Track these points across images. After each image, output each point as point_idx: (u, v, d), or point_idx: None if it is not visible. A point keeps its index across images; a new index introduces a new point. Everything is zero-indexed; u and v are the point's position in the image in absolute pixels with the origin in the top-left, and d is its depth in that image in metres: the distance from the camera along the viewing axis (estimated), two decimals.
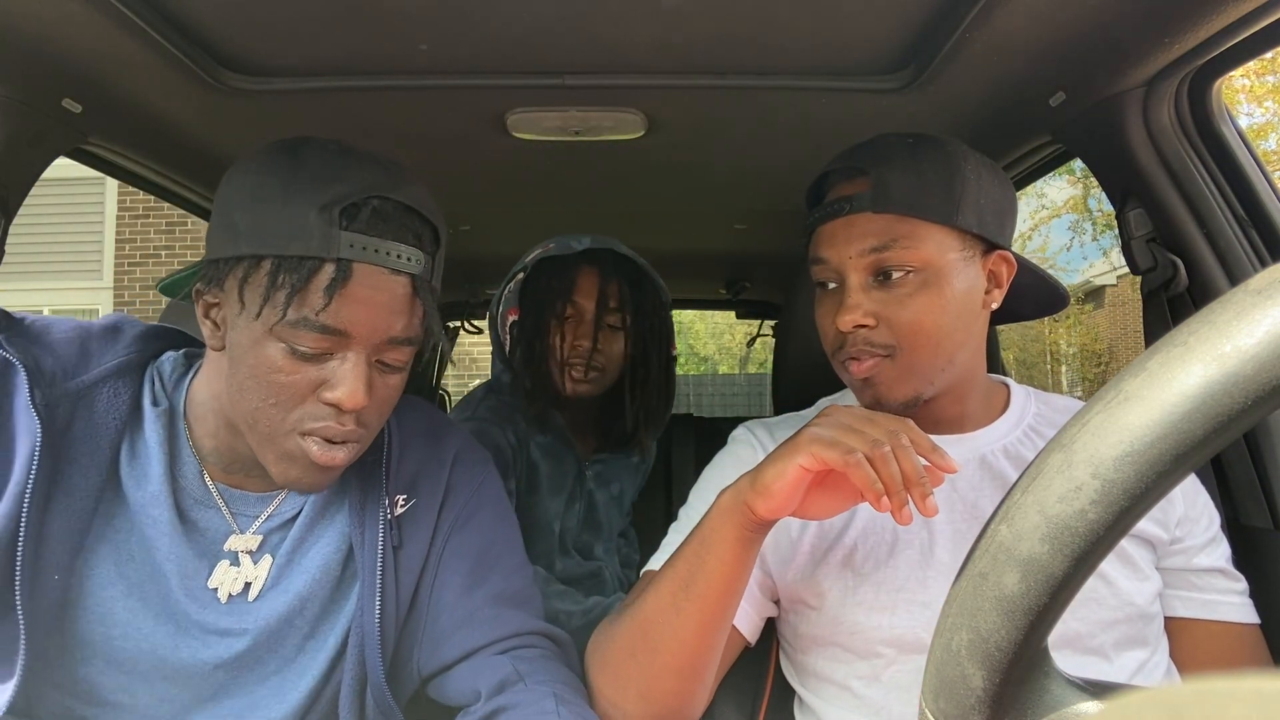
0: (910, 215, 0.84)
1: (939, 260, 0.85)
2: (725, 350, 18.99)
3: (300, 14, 0.96)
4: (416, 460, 0.93)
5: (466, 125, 1.32)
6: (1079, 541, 0.29)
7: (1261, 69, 8.13)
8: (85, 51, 0.98)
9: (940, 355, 0.86)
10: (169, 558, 0.81)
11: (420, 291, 0.78)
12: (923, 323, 0.84)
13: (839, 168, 0.91)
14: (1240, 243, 1.08)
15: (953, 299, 0.85)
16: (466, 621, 0.89)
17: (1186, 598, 0.91)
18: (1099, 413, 0.29)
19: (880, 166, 0.86)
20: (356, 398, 0.75)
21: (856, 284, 0.86)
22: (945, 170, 0.86)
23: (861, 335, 0.86)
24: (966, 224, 0.86)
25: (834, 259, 0.88)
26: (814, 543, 0.92)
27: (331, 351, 0.76)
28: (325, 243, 0.73)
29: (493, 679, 0.85)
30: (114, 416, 0.81)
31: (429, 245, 0.80)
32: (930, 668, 0.35)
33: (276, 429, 0.77)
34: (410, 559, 0.89)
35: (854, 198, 0.86)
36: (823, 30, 1.02)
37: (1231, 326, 0.27)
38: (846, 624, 0.88)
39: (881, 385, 0.87)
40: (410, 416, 0.95)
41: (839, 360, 0.90)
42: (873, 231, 0.85)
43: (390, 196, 0.76)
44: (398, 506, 0.90)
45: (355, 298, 0.74)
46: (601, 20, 0.99)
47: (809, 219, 0.93)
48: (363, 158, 0.79)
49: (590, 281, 1.41)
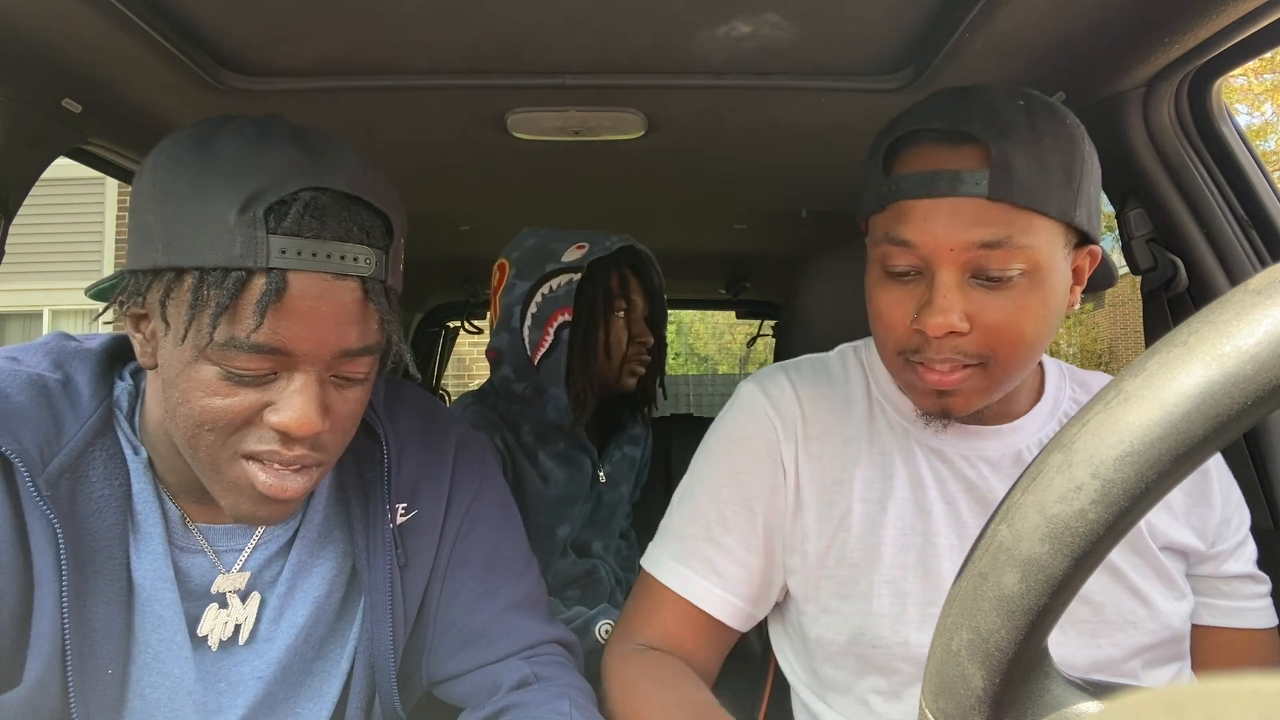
0: (1031, 208, 0.69)
1: (1048, 259, 0.71)
2: (725, 350, 19.00)
3: (300, 14, 0.96)
4: (416, 464, 0.86)
5: (466, 125, 1.32)
6: (1079, 541, 0.29)
7: (1260, 68, 8.13)
8: (85, 51, 0.98)
9: (1030, 362, 0.76)
10: (178, 629, 0.74)
11: (373, 295, 0.67)
12: (1024, 331, 0.72)
13: (941, 128, 0.73)
14: (1240, 243, 1.08)
15: (1052, 302, 0.73)
16: (481, 635, 0.86)
17: (1213, 605, 0.85)
18: (1099, 413, 0.29)
19: (1002, 140, 0.69)
20: (307, 423, 0.65)
21: (952, 281, 0.71)
22: (1068, 151, 0.71)
23: (950, 343, 0.72)
24: (1080, 219, 0.72)
25: (926, 246, 0.72)
26: (831, 543, 0.84)
27: (275, 371, 0.66)
28: (250, 250, 0.62)
29: (509, 680, 0.84)
30: (115, 481, 0.72)
31: (380, 239, 0.68)
32: (930, 668, 0.35)
33: (217, 456, 0.67)
34: (416, 572, 0.84)
35: (965, 175, 0.70)
36: (823, 30, 1.02)
37: (1231, 326, 0.27)
38: (869, 636, 0.81)
39: (962, 396, 0.75)
40: (404, 416, 0.89)
41: (907, 362, 0.76)
42: (987, 222, 0.69)
43: (326, 186, 0.64)
44: (399, 515, 0.84)
45: (294, 311, 0.63)
46: (601, 20, 0.99)
47: (887, 185, 0.74)
48: (290, 138, 0.66)
49: (635, 278, 1.49)
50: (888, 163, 0.76)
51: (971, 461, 0.84)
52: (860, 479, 0.84)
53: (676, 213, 2.00)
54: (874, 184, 0.76)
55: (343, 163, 0.67)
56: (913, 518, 0.82)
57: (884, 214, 0.75)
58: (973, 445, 0.84)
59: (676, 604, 0.88)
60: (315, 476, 0.71)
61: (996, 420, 0.84)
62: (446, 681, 0.89)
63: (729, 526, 0.87)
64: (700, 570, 0.87)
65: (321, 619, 0.81)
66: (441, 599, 0.87)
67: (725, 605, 0.87)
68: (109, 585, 0.70)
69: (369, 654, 0.82)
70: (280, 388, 0.66)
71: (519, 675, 0.84)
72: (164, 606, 0.73)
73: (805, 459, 0.86)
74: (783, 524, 0.87)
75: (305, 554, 0.80)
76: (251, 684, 0.77)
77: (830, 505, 0.85)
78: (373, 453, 0.84)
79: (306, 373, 0.66)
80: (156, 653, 0.74)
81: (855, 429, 0.87)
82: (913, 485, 0.84)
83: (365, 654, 0.82)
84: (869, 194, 0.78)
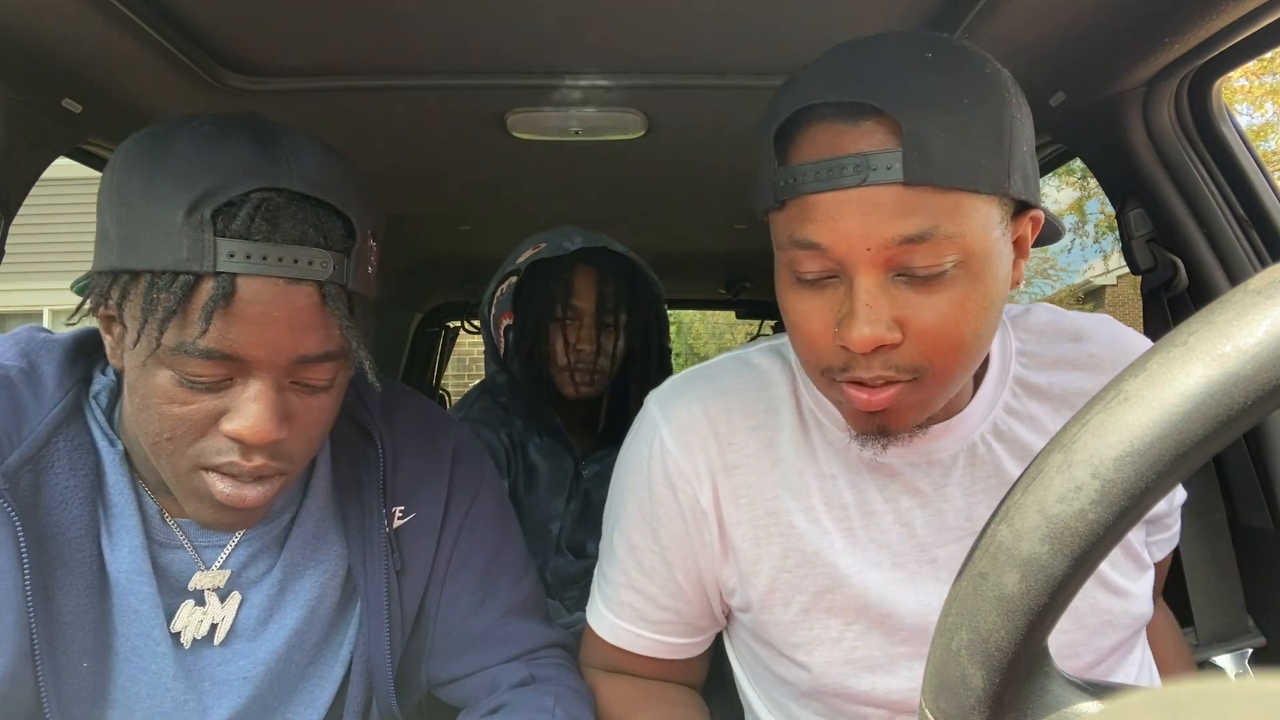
0: (958, 188, 0.58)
1: (983, 243, 0.61)
2: (725, 350, 18.91)
3: (301, 14, 0.96)
4: (413, 467, 0.85)
5: (466, 125, 1.32)
6: (1079, 541, 0.29)
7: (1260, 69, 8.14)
8: (85, 51, 0.98)
9: (972, 367, 0.66)
10: (155, 624, 0.73)
11: (331, 300, 0.64)
12: (963, 333, 0.61)
13: (838, 100, 0.60)
14: (1240, 243, 1.08)
15: (994, 291, 0.62)
16: (480, 640, 0.86)
17: (1156, 541, 0.81)
18: (1099, 413, 0.29)
19: (913, 111, 0.58)
20: (261, 431, 0.64)
21: (875, 285, 0.60)
22: (994, 112, 0.60)
23: (880, 357, 0.62)
24: (1016, 189, 0.61)
25: (838, 248, 0.60)
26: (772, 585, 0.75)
27: (230, 377, 0.64)
28: (197, 253, 0.60)
29: (507, 681, 0.84)
30: (81, 472, 0.71)
31: (339, 241, 0.65)
32: (930, 668, 0.35)
33: (177, 464, 0.66)
34: (414, 577, 0.83)
35: (873, 159, 0.58)
36: (823, 30, 1.02)
37: (1231, 326, 0.27)
38: (832, 684, 0.73)
39: (895, 415, 0.65)
40: (400, 418, 0.87)
41: (834, 381, 0.65)
42: (907, 213, 0.58)
43: (280, 186, 0.62)
44: (395, 519, 0.82)
45: (244, 317, 0.61)
46: (601, 20, 0.99)
47: (782, 176, 0.62)
48: (248, 137, 0.63)
49: (587, 282, 1.38)
50: (781, 148, 0.64)
51: (922, 469, 0.74)
52: (798, 509, 0.74)
53: (676, 213, 2.00)
54: (767, 175, 0.64)
55: (303, 162, 0.64)
56: (865, 550, 0.73)
57: (784, 212, 0.64)
58: (920, 450, 0.74)
59: (613, 647, 0.85)
60: (278, 485, 0.69)
61: (943, 415, 0.73)
62: (446, 684, 0.89)
63: (649, 574, 0.80)
64: (628, 619, 0.83)
65: (315, 623, 0.80)
66: (441, 603, 0.86)
67: (663, 646, 0.83)
68: (78, 578, 0.70)
69: (366, 658, 0.81)
70: (236, 394, 0.64)
71: (518, 676, 0.84)
72: (140, 600, 0.72)
73: (727, 493, 0.75)
74: (713, 568, 0.77)
75: (299, 556, 0.79)
76: (237, 683, 0.76)
77: (766, 542, 0.74)
78: (369, 456, 0.83)
79: (263, 379, 0.64)
80: (134, 646, 0.73)
81: (786, 448, 0.76)
82: (860, 511, 0.74)
83: (362, 658, 0.81)
84: (764, 187, 0.65)
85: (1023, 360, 0.77)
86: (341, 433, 0.83)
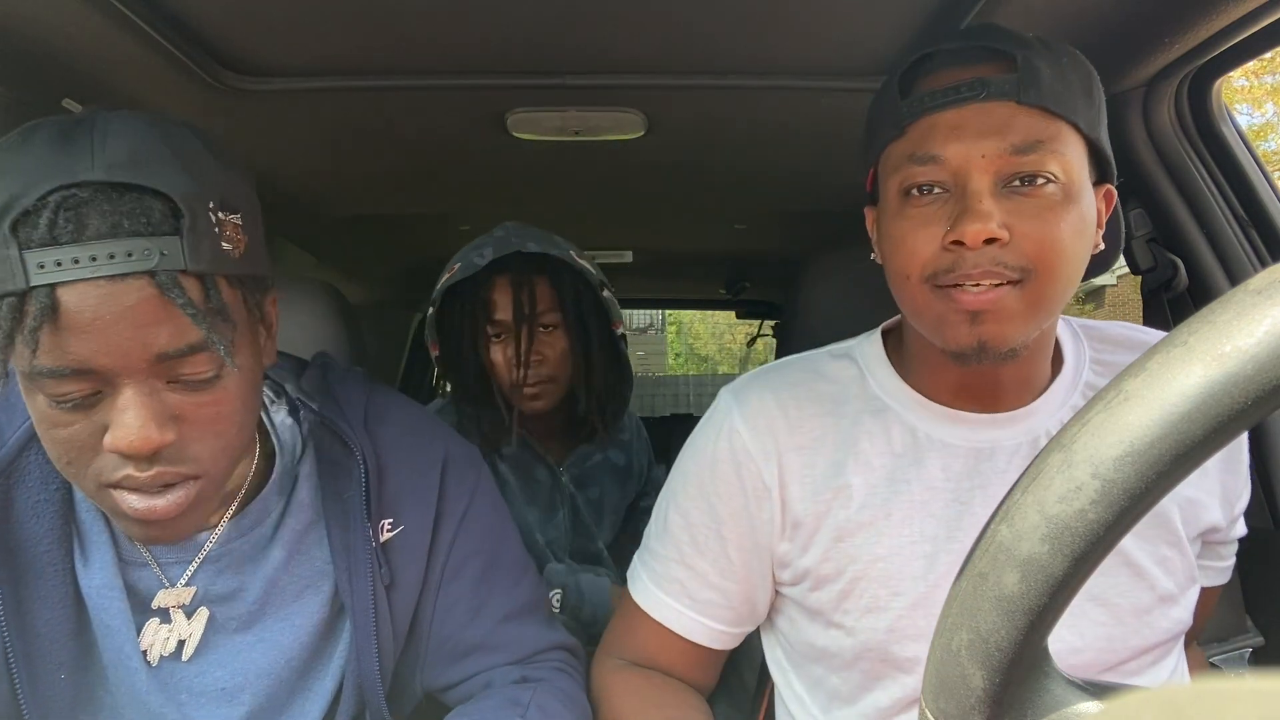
0: (1061, 115, 0.67)
1: (1078, 175, 0.69)
2: (725, 350, 19.00)
3: (300, 14, 0.96)
4: (399, 477, 0.82)
5: (466, 125, 1.32)
6: (1079, 541, 0.29)
7: (1260, 69, 8.14)
8: (85, 51, 0.98)
9: (1067, 288, 0.70)
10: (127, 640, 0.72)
11: (169, 289, 0.58)
12: (1064, 242, 0.67)
13: (960, 46, 0.71)
14: (1240, 243, 1.08)
15: (1085, 226, 0.69)
16: (477, 648, 0.85)
17: (1207, 568, 0.82)
18: (1099, 412, 0.29)
19: (1025, 49, 0.68)
20: (139, 441, 0.59)
21: (986, 188, 0.67)
22: (1086, 73, 0.71)
23: (989, 253, 0.67)
24: (1103, 141, 0.71)
25: (956, 157, 0.68)
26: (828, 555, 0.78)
27: (98, 390, 0.60)
28: (8, 272, 0.55)
29: (501, 682, 0.84)
30: (53, 485, 0.69)
31: (163, 223, 0.58)
32: (930, 668, 0.35)
33: (86, 486, 0.63)
34: (405, 590, 0.81)
35: (992, 81, 0.67)
36: (823, 30, 1.02)
37: (1231, 326, 0.27)
38: (877, 651, 0.77)
39: (999, 323, 0.68)
40: (387, 428, 0.84)
41: (937, 288, 0.70)
42: (1019, 126, 0.67)
43: (80, 179, 0.56)
44: (383, 532, 0.80)
45: (76, 327, 0.57)
46: (601, 20, 0.99)
47: (906, 106, 0.71)
48: (51, 136, 0.58)
49: (504, 295, 1.28)
50: (904, 89, 0.73)
51: (986, 454, 0.77)
52: (860, 485, 0.78)
53: (676, 213, 2.00)
54: (890, 112, 0.72)
55: (111, 146, 0.58)
56: (922, 523, 0.77)
57: (904, 139, 0.71)
58: (986, 436, 0.78)
59: (653, 625, 0.86)
60: (192, 490, 0.65)
61: (1014, 400, 0.78)
62: (444, 690, 0.88)
63: (702, 550, 0.83)
64: (674, 594, 0.85)
65: (302, 640, 0.78)
66: (435, 614, 0.84)
67: (702, 629, 0.84)
68: (51, 590, 0.68)
69: (357, 673, 0.80)
70: (109, 407, 0.60)
71: (511, 679, 0.84)
72: (112, 616, 0.71)
73: (793, 472, 0.80)
74: (770, 544, 0.81)
75: (280, 572, 0.77)
76: (216, 694, 0.75)
77: (826, 516, 0.79)
78: (351, 469, 0.80)
79: (130, 386, 0.60)
80: (110, 660, 0.73)
81: (849, 431, 0.80)
82: (922, 488, 0.78)
83: (353, 673, 0.80)
84: (884, 123, 0.73)
85: (1096, 368, 0.81)
86: (324, 445, 0.81)
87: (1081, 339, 0.83)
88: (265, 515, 0.78)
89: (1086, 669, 0.74)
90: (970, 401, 0.78)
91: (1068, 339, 0.82)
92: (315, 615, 0.79)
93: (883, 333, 0.86)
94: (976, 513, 0.76)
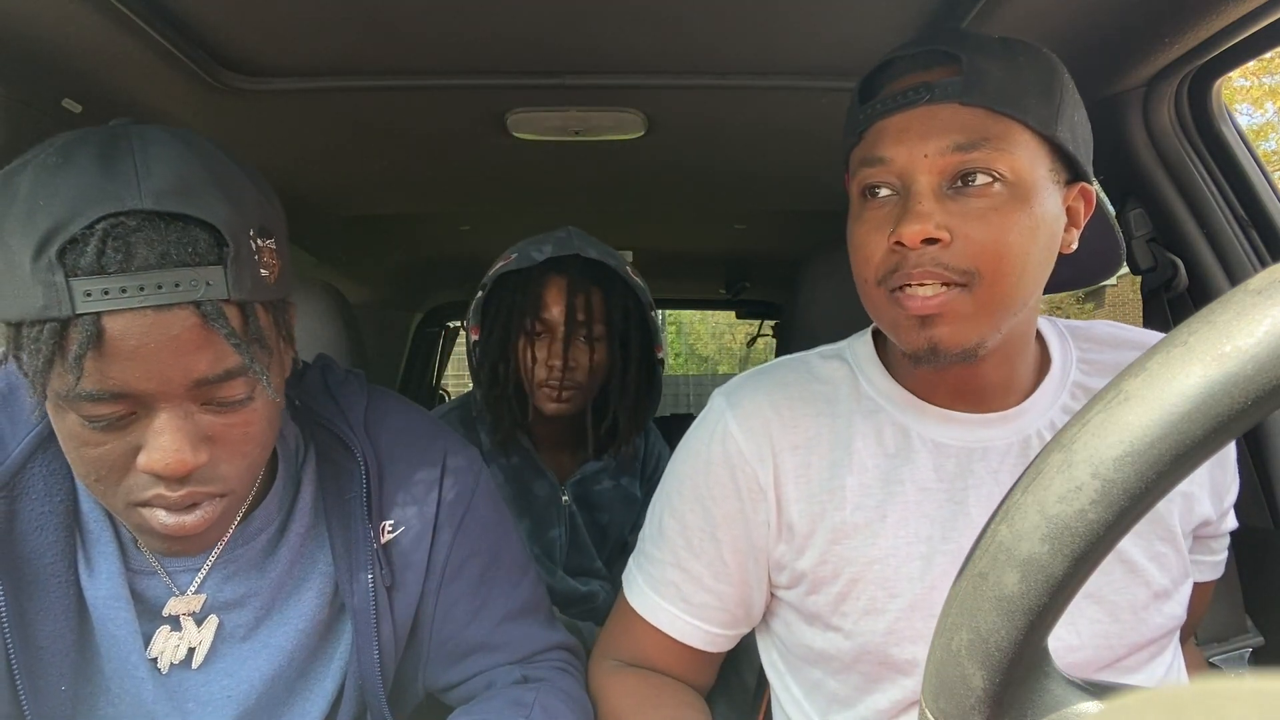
0: (1007, 113, 0.68)
1: (1029, 174, 0.68)
2: (725, 350, 19.00)
3: (300, 14, 0.96)
4: (400, 479, 0.83)
5: (466, 125, 1.33)
6: (1079, 541, 0.29)
7: (1260, 69, 8.15)
8: (85, 51, 0.98)
9: (1020, 290, 0.70)
10: (134, 649, 0.72)
11: (213, 318, 0.59)
12: (1009, 244, 0.67)
13: (912, 53, 0.73)
14: (1240, 243, 1.09)
15: (1039, 223, 0.69)
16: (478, 648, 0.85)
17: (1200, 562, 0.83)
18: (1099, 413, 0.29)
19: (972, 52, 0.69)
20: (174, 464, 0.60)
21: (927, 188, 0.68)
22: (1045, 71, 0.71)
23: (930, 254, 0.67)
24: (1063, 139, 0.70)
25: (901, 158, 0.70)
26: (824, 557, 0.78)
27: (133, 411, 0.60)
28: (54, 299, 0.56)
29: (502, 682, 0.84)
30: (57, 497, 0.70)
31: (209, 253, 0.59)
32: (930, 668, 0.35)
33: (113, 504, 0.64)
34: (406, 591, 0.82)
35: (936, 85, 0.69)
36: (823, 30, 1.02)
37: (1231, 326, 0.27)
38: (874, 651, 0.77)
39: (950, 324, 0.69)
40: (387, 431, 0.84)
41: (888, 289, 0.71)
42: (959, 126, 0.68)
43: (128, 208, 0.57)
44: (384, 534, 0.80)
45: (120, 354, 0.57)
46: (601, 20, 0.99)
47: (862, 113, 0.73)
48: (92, 159, 0.58)
49: (557, 294, 1.29)
50: (864, 98, 0.75)
51: (979, 454, 0.78)
52: (854, 486, 0.78)
53: (676, 213, 2.00)
54: (851, 118, 0.75)
55: (155, 173, 0.58)
56: (917, 525, 0.77)
57: (861, 143, 0.74)
58: (978, 436, 0.78)
59: (648, 629, 0.85)
60: (219, 507, 0.66)
61: (1000, 403, 0.78)
62: (445, 690, 0.88)
63: (696, 553, 0.83)
64: (669, 598, 0.84)
65: (304, 642, 0.78)
66: (436, 614, 0.84)
67: (697, 633, 0.84)
68: (55, 603, 0.69)
69: (358, 674, 0.80)
70: (144, 429, 0.61)
71: (512, 678, 0.84)
72: (118, 626, 0.72)
73: (788, 472, 0.80)
74: (766, 546, 0.81)
75: (285, 577, 0.78)
76: (223, 701, 0.76)
77: (821, 518, 0.79)
78: (352, 471, 0.81)
79: (166, 410, 0.60)
80: (114, 670, 0.73)
81: (843, 431, 0.80)
82: (915, 489, 0.78)
83: (354, 674, 0.80)
84: (848, 129, 0.76)
85: (1083, 367, 0.81)
86: (325, 448, 0.82)
87: (1068, 339, 0.83)
88: (270, 520, 0.78)
89: (1084, 667, 0.74)
90: (959, 402, 0.78)
91: (1054, 340, 0.83)
92: (316, 616, 0.79)
93: (873, 333, 0.86)
94: (971, 513, 0.76)
